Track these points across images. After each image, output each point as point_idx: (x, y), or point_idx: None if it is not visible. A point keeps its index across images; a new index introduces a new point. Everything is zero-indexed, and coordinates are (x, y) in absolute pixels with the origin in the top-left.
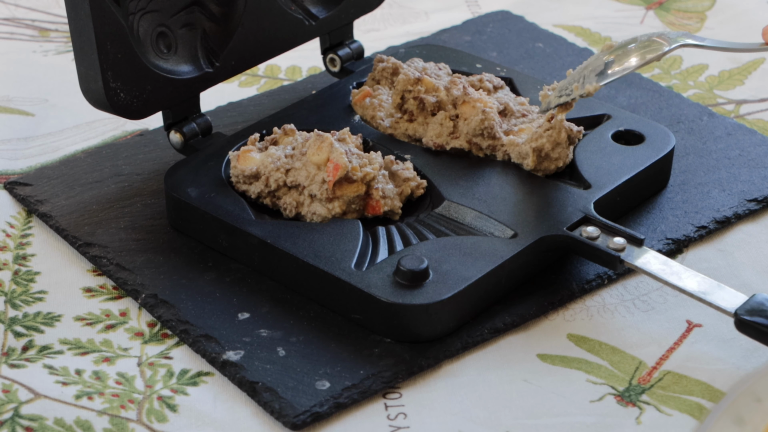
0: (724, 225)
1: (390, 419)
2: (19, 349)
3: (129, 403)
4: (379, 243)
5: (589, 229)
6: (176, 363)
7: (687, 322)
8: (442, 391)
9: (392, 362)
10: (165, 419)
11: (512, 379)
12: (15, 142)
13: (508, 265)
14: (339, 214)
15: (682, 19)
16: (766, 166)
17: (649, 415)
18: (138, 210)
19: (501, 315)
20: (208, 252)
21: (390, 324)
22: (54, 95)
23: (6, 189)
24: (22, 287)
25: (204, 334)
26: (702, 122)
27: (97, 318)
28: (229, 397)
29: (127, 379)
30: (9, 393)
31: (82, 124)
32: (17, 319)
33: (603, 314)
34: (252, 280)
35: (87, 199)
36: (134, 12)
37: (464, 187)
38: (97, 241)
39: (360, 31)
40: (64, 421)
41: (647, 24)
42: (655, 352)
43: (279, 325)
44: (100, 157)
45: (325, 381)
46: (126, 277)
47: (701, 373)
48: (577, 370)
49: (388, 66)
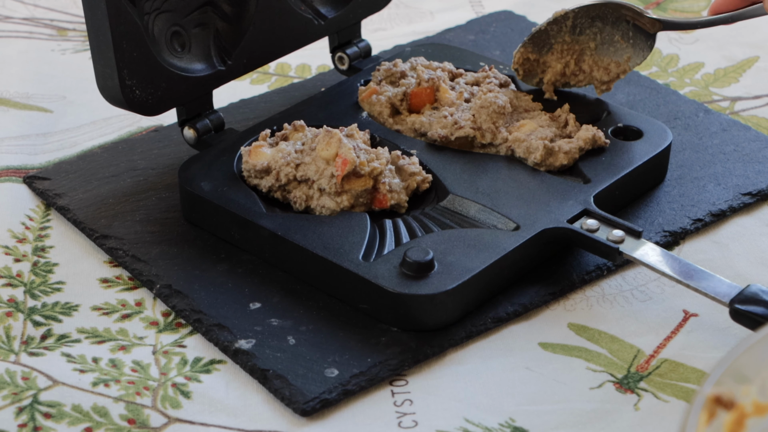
0: (719, 218)
1: (396, 406)
2: (38, 338)
3: (144, 390)
4: (386, 235)
5: (589, 222)
6: (190, 351)
7: (683, 311)
8: (446, 378)
9: (399, 350)
10: (179, 405)
11: (514, 366)
12: (34, 137)
13: (510, 257)
14: (347, 207)
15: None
16: (760, 160)
17: (647, 401)
18: (153, 203)
19: (504, 305)
20: (220, 244)
21: (396, 313)
22: (72, 92)
23: (25, 183)
24: (40, 278)
25: (217, 323)
26: (698, 118)
27: (113, 308)
28: (240, 384)
29: (142, 367)
30: (28, 380)
31: (98, 121)
32: (36, 308)
33: (602, 304)
34: (263, 271)
35: (103, 192)
36: (149, 12)
37: (468, 181)
38: (113, 234)
39: (367, 30)
40: (82, 407)
41: None
42: (652, 341)
43: (289, 314)
44: (116, 152)
45: (333, 369)
46: (141, 268)
47: (697, 360)
48: (578, 358)
49: (392, 71)
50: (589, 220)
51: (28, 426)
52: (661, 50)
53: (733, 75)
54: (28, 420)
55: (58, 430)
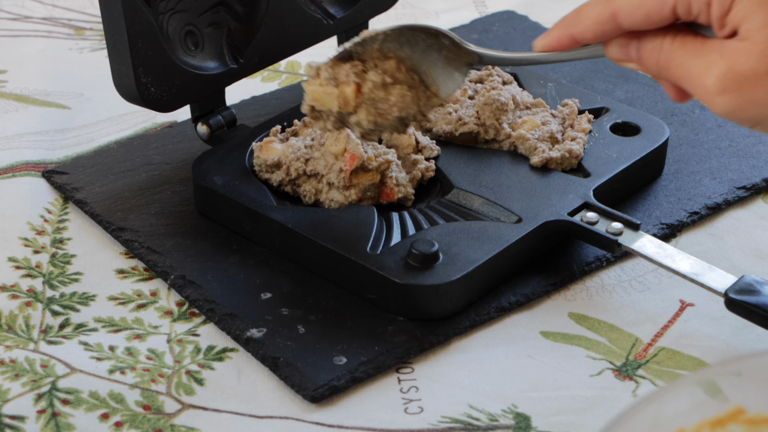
0: (715, 211)
1: (403, 392)
2: (56, 327)
3: (159, 377)
4: (393, 228)
5: (588, 215)
6: (203, 340)
7: (680, 301)
8: (451, 366)
9: (405, 339)
10: (192, 392)
11: (517, 354)
12: (52, 133)
13: (513, 249)
14: (355, 200)
15: None
16: (754, 155)
17: (645, 388)
18: (167, 197)
19: (507, 295)
20: (232, 236)
21: (403, 303)
22: (89, 89)
23: (44, 177)
24: (59, 269)
25: (229, 312)
26: (694, 115)
27: (129, 298)
28: (252, 372)
29: (157, 355)
30: (47, 368)
31: (115, 117)
32: (54, 298)
33: (602, 294)
34: (274, 263)
35: (120, 186)
36: (164, 12)
37: (472, 175)
38: (129, 226)
39: None
40: (99, 393)
41: None
42: (650, 330)
43: (299, 304)
44: (132, 148)
45: (342, 356)
46: (156, 260)
47: (693, 349)
48: (578, 347)
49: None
50: (589, 213)
51: (46, 412)
52: None
53: None
54: (46, 406)
55: (76, 415)
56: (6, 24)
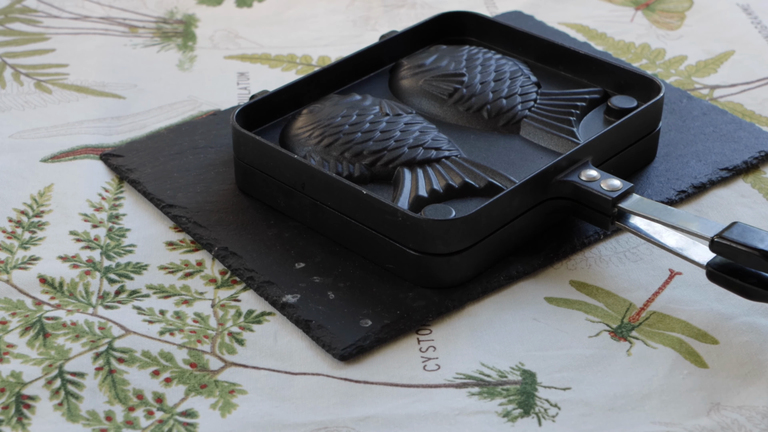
0: (700, 190)
1: (422, 352)
2: (113, 293)
3: (204, 338)
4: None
5: (588, 173)
6: (243, 305)
7: (669, 270)
8: (465, 328)
9: (424, 304)
10: (234, 351)
11: (523, 318)
12: (109, 120)
13: (518, 224)
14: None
15: (665, 18)
16: (735, 140)
17: (638, 348)
18: (212, 177)
19: (514, 264)
20: (270, 211)
21: (417, 273)
22: (142, 81)
23: (101, 160)
24: (115, 241)
25: (266, 280)
26: (682, 104)
27: (177, 267)
28: (287, 333)
29: (202, 318)
30: (104, 330)
31: (165, 106)
32: (111, 268)
33: (599, 264)
34: (307, 235)
35: (169, 168)
36: None
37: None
38: (177, 203)
39: (387, 27)
40: (150, 353)
41: (636, 22)
42: (642, 296)
43: (329, 272)
44: (180, 133)
45: (367, 320)
46: (201, 233)
47: (681, 313)
48: (578, 311)
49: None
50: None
51: (104, 369)
52: (650, 45)
53: (713, 66)
54: (104, 364)
55: (130, 372)
56: (67, 23)
